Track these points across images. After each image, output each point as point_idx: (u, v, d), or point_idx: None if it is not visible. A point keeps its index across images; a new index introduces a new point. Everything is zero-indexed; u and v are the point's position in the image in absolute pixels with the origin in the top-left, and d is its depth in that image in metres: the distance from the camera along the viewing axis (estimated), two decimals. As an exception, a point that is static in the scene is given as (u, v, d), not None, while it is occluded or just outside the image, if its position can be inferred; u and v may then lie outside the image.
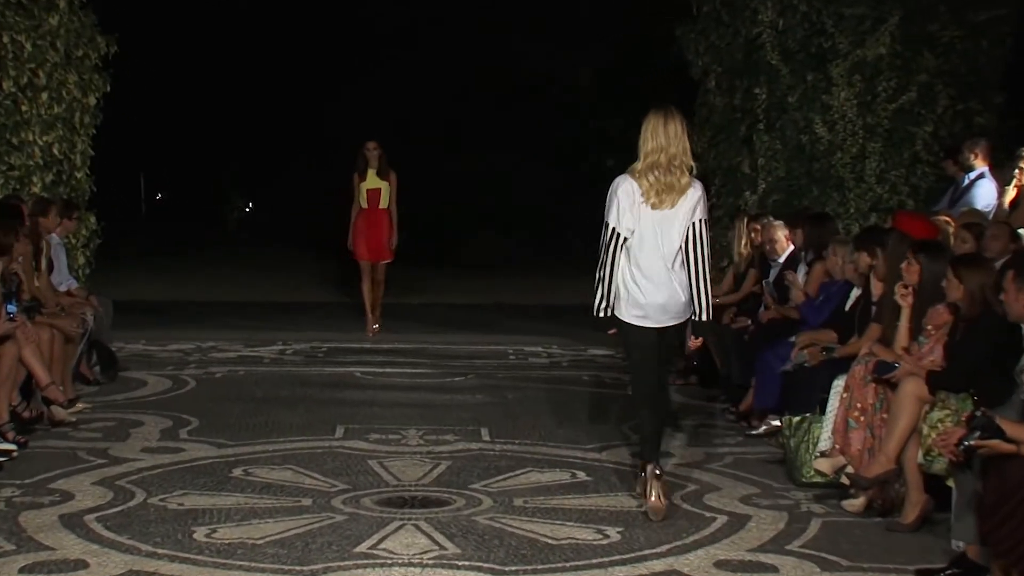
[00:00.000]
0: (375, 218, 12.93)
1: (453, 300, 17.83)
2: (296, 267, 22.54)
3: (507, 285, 19.92)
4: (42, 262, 9.30)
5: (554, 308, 15.72)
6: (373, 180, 12.91)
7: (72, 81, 11.64)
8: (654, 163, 6.38)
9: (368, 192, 12.91)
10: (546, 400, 9.65)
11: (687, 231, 6.36)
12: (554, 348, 12.68)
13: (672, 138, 6.40)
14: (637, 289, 6.40)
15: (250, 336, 13.23)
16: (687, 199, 6.38)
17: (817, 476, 6.86)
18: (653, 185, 6.36)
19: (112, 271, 15.72)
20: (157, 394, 9.67)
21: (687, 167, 6.42)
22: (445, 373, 10.92)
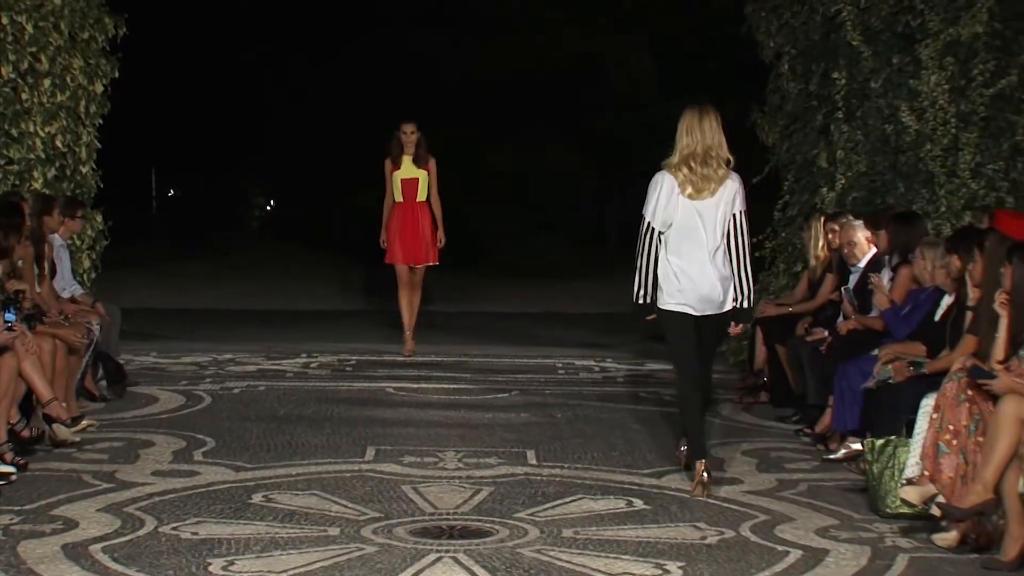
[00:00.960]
0: (413, 213, 12.42)
1: (495, 308, 17.83)
2: (323, 271, 22.65)
3: (556, 291, 19.91)
4: (44, 266, 9.37)
5: (608, 317, 15.68)
6: (409, 168, 12.40)
7: (77, 66, 11.71)
8: (690, 155, 7.30)
9: (403, 183, 12.40)
10: (599, 419, 9.62)
11: (727, 223, 7.31)
12: (608, 361, 12.65)
13: (707, 131, 7.33)
14: (676, 279, 7.31)
15: (272, 347, 13.30)
16: (725, 190, 7.31)
17: (903, 507, 6.79)
18: (689, 177, 7.29)
19: (120, 275, 15.85)
20: (169, 411, 9.73)
21: (723, 159, 7.32)
22: (487, 389, 10.91)
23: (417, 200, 12.41)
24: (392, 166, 12.43)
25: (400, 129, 12.41)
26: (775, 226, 12.52)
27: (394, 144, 12.42)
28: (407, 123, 12.42)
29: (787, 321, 9.91)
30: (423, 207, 12.45)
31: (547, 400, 10.41)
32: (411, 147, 12.36)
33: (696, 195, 7.32)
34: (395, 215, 12.46)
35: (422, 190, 12.41)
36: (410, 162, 12.40)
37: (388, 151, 12.47)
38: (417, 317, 12.72)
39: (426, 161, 12.41)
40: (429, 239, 12.47)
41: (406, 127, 12.39)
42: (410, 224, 12.41)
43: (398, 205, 12.45)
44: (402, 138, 12.38)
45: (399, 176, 12.41)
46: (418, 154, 12.38)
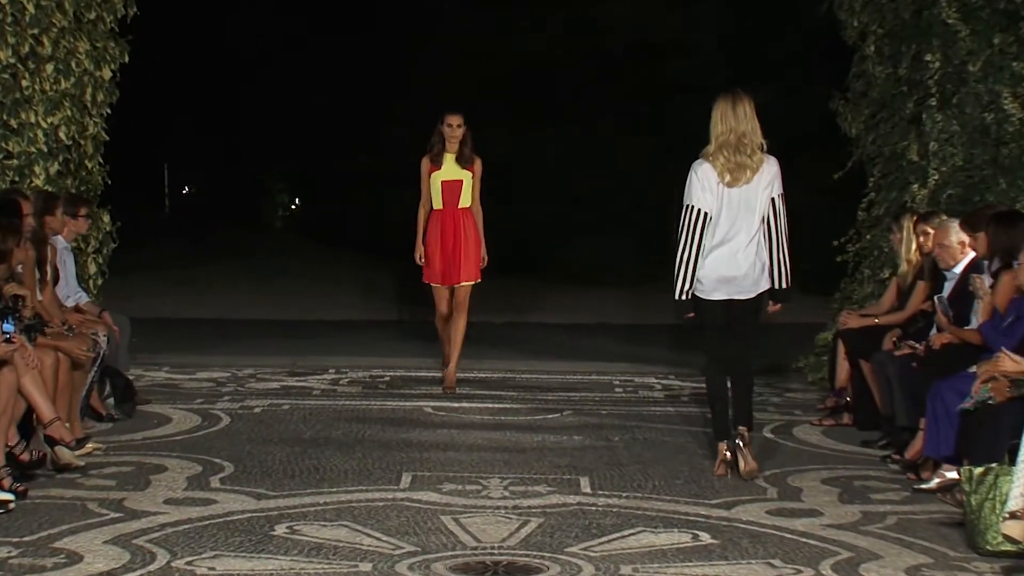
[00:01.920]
0: (454, 223, 11.57)
1: (545, 318, 17.82)
2: (353, 276, 22.72)
3: (614, 299, 19.89)
4: (46, 271, 9.42)
5: (672, 328, 15.62)
6: (452, 169, 11.55)
7: (83, 50, 11.79)
8: (724, 143, 8.29)
9: (444, 186, 11.54)
10: (661, 443, 9.59)
11: (766, 207, 8.32)
12: (671, 378, 12.61)
13: (741, 118, 8.30)
14: (711, 265, 8.32)
15: (296, 362, 13.35)
16: (762, 175, 8.31)
17: (1005, 543, 6.72)
18: (725, 165, 8.27)
19: (130, 282, 15.95)
20: (183, 433, 9.77)
21: (758, 145, 8.31)
22: (535, 409, 10.90)
23: (459, 206, 11.58)
24: (431, 166, 11.58)
25: (443, 121, 11.57)
26: (859, 227, 12.45)
27: (435, 139, 11.58)
28: (453, 114, 11.59)
29: (873, 334, 9.84)
30: (466, 215, 11.60)
31: (603, 421, 10.38)
32: (455, 143, 11.53)
33: (734, 182, 8.29)
34: (433, 225, 11.62)
35: (465, 195, 11.58)
36: (453, 161, 11.56)
37: (428, 148, 11.63)
38: (461, 345, 11.79)
39: (471, 161, 11.57)
40: (473, 253, 11.60)
41: (452, 119, 11.56)
42: (451, 235, 11.57)
43: (437, 213, 11.60)
44: (445, 132, 11.52)
45: (439, 178, 11.57)
46: (463, 152, 11.54)
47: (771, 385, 12.28)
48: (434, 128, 11.63)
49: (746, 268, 8.35)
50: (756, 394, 11.42)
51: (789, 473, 8.52)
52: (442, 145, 11.57)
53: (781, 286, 8.45)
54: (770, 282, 8.42)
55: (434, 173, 11.61)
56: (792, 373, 12.87)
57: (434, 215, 11.63)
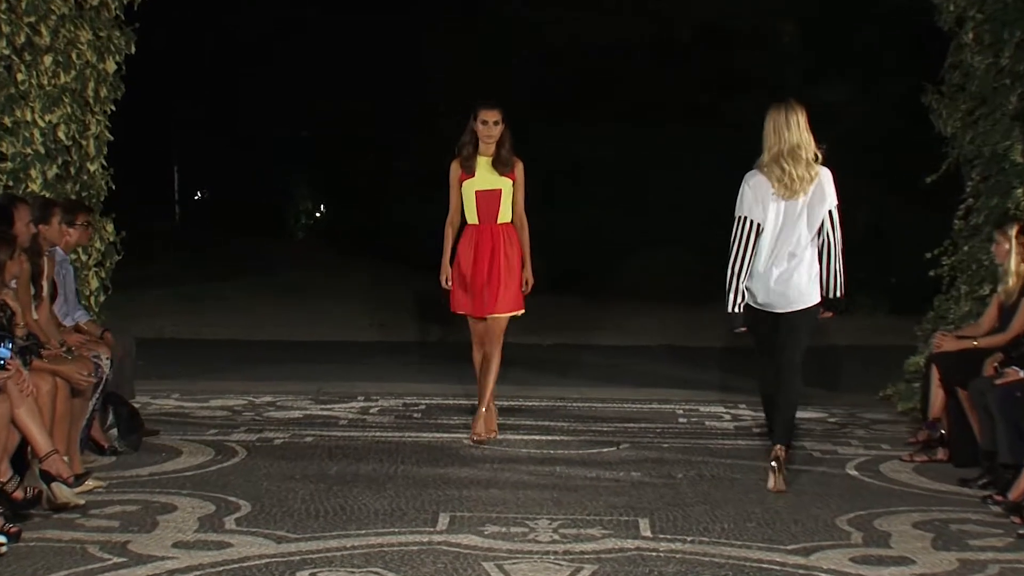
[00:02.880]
0: (492, 241, 10.67)
1: (600, 339, 17.80)
2: (386, 293, 22.77)
3: (677, 319, 19.84)
4: (42, 286, 9.47)
5: (743, 352, 15.56)
6: (487, 176, 10.64)
7: (85, 40, 11.85)
8: (778, 154, 9.07)
9: (479, 197, 10.64)
10: (730, 481, 9.55)
11: (822, 220, 9.08)
12: (741, 407, 12.57)
13: (794, 129, 9.08)
14: (763, 278, 9.17)
15: (321, 388, 13.37)
16: (816, 187, 9.10)
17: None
18: (780, 177, 9.06)
19: (136, 298, 16.03)
20: (195, 468, 9.80)
21: (812, 156, 9.09)
22: (588, 441, 10.88)
23: (498, 222, 10.69)
24: (461, 172, 10.69)
25: (476, 117, 10.64)
26: (955, 238, 12.38)
27: (465, 139, 10.68)
28: (488, 108, 10.64)
29: (971, 358, 9.77)
30: (506, 232, 10.69)
31: (664, 456, 10.35)
32: (491, 145, 10.61)
33: (789, 195, 9.09)
34: (466, 243, 10.72)
35: (505, 207, 10.68)
36: (488, 166, 10.64)
37: (457, 150, 10.73)
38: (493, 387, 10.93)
39: (511, 165, 10.64)
40: (513, 279, 10.68)
41: (487, 114, 10.61)
42: (486, 257, 10.66)
43: (471, 229, 10.71)
44: (479, 130, 10.60)
45: (472, 187, 10.65)
46: (500, 155, 10.61)
47: (855, 416, 12.21)
48: (465, 126, 10.73)
49: (798, 281, 9.16)
50: (839, 426, 11.48)
51: (876, 515, 8.47)
52: (474, 147, 10.64)
53: (836, 295, 9.23)
54: (823, 292, 9.22)
55: (466, 181, 10.66)
56: (879, 402, 12.80)
57: (467, 231, 10.72)
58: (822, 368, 14.85)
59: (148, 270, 24.81)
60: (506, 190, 10.67)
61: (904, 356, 12.69)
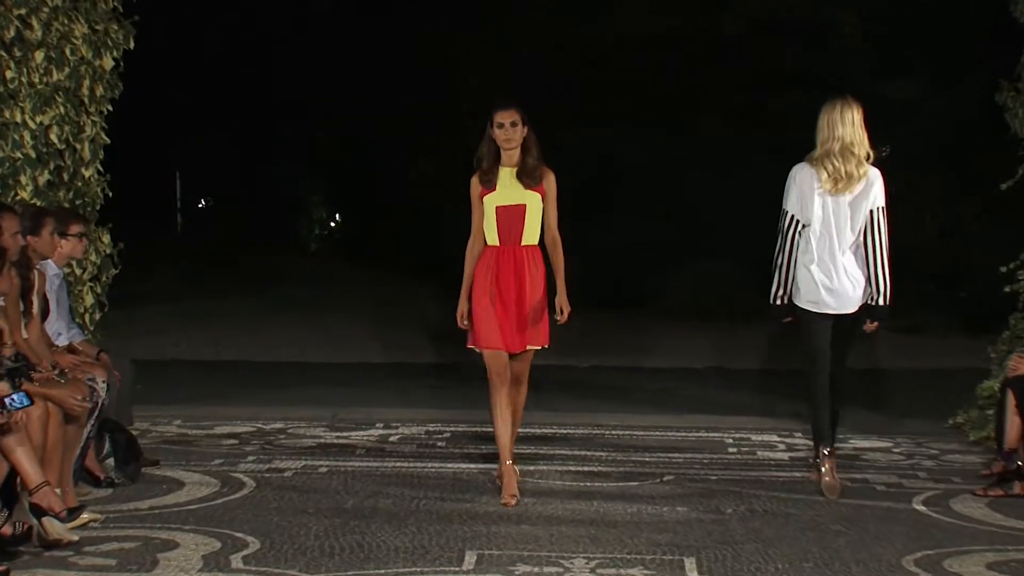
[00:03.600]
0: (515, 266, 9.86)
1: (641, 361, 17.78)
2: (407, 311, 22.77)
3: (727, 338, 19.79)
4: (33, 302, 9.49)
5: (798, 375, 15.52)
6: (510, 189, 9.83)
7: (79, 34, 11.89)
8: (830, 151, 9.78)
9: (500, 214, 9.83)
10: (785, 516, 9.52)
11: (866, 219, 9.80)
12: (797, 436, 12.53)
13: (848, 126, 9.77)
14: (812, 276, 9.88)
15: (337, 414, 13.37)
16: (864, 186, 9.80)
17: None
18: (831, 173, 9.77)
19: (135, 316, 16.06)
20: (198, 501, 9.81)
21: (864, 155, 9.79)
22: (629, 473, 10.86)
23: (522, 243, 9.89)
24: (482, 187, 9.90)
25: (492, 120, 9.85)
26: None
27: (483, 149, 9.91)
28: (502, 109, 9.85)
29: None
30: (531, 255, 9.90)
31: (712, 488, 10.33)
32: (513, 152, 9.82)
33: (835, 191, 9.81)
34: (484, 268, 9.91)
35: (531, 226, 9.87)
36: (512, 178, 9.84)
37: (476, 161, 9.98)
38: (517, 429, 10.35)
39: (539, 177, 9.83)
40: (539, 308, 9.92)
41: (502, 115, 9.81)
42: (511, 284, 9.88)
43: (491, 252, 9.91)
44: (496, 135, 9.80)
45: (493, 202, 9.86)
46: (526, 164, 9.82)
47: (923, 446, 12.17)
48: (482, 133, 9.95)
49: (846, 280, 9.90)
50: (904, 456, 11.45)
51: (946, 555, 8.43)
52: (495, 156, 9.85)
53: (879, 303, 9.90)
54: (868, 298, 9.95)
55: (487, 196, 9.86)
56: (949, 431, 12.75)
57: (486, 255, 9.92)
58: (886, 393, 14.82)
59: (148, 285, 24.85)
60: (532, 206, 9.80)
61: (977, 380, 12.64)
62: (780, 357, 17.40)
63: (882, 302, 9.87)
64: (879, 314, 9.95)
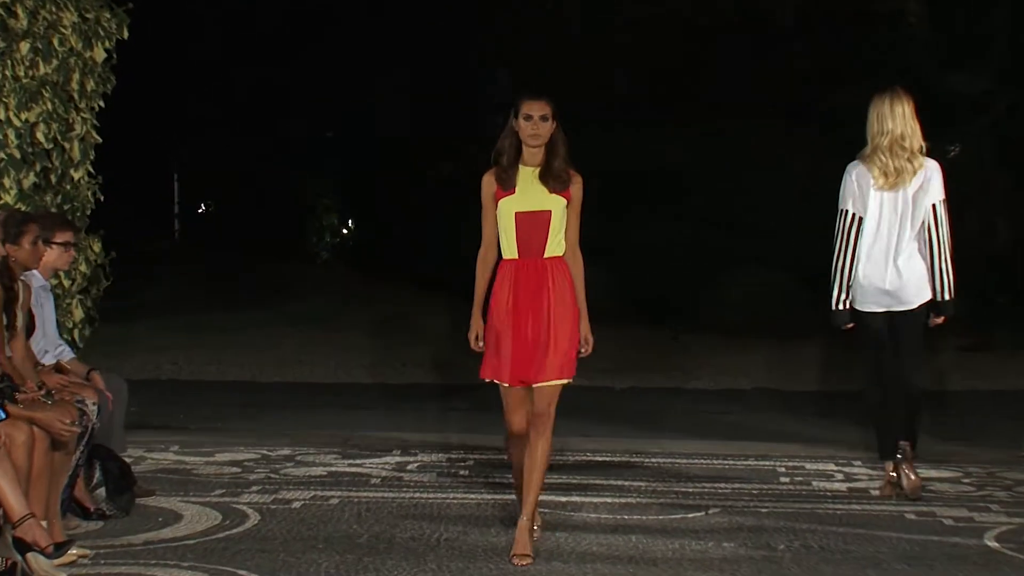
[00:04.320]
0: (537, 282, 9.21)
1: (684, 382, 17.77)
2: (425, 326, 22.78)
3: (779, 356, 19.78)
4: (16, 316, 9.51)
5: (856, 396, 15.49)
6: (533, 192, 9.21)
7: (68, 22, 11.92)
8: (879, 146, 10.56)
9: (521, 221, 9.20)
10: (844, 553, 9.50)
11: (925, 213, 10.59)
12: (857, 464, 12.51)
13: (899, 119, 10.52)
14: (869, 273, 10.70)
15: (349, 439, 13.39)
16: (920, 180, 10.59)
17: None
18: (882, 168, 10.55)
19: (129, 331, 16.09)
20: (198, 535, 9.82)
21: (917, 148, 10.56)
22: (671, 505, 10.86)
23: (545, 255, 9.24)
24: (497, 188, 9.29)
25: (517, 112, 9.28)
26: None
27: (504, 143, 9.33)
28: (532, 99, 9.26)
29: None
30: (557, 268, 9.26)
31: (763, 523, 10.31)
32: (538, 151, 9.25)
33: (890, 186, 10.60)
34: (502, 286, 9.30)
35: (555, 235, 9.26)
36: (534, 180, 9.24)
37: (494, 157, 9.38)
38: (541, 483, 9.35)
39: (566, 180, 9.23)
40: (565, 333, 9.23)
41: (531, 106, 9.22)
42: (529, 303, 9.22)
43: (507, 267, 9.30)
44: (522, 128, 9.22)
45: (511, 207, 9.25)
46: (551, 165, 9.24)
47: (995, 476, 12.13)
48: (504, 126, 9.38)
49: (905, 276, 10.69)
50: (975, 488, 11.42)
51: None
52: (516, 152, 9.27)
53: (944, 298, 10.69)
54: (931, 293, 10.72)
55: (504, 200, 9.26)
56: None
57: (503, 269, 9.32)
58: (954, 417, 14.79)
59: (143, 297, 24.95)
60: (558, 212, 9.21)
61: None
62: (838, 377, 17.39)
63: (947, 296, 10.66)
64: (945, 309, 10.72)
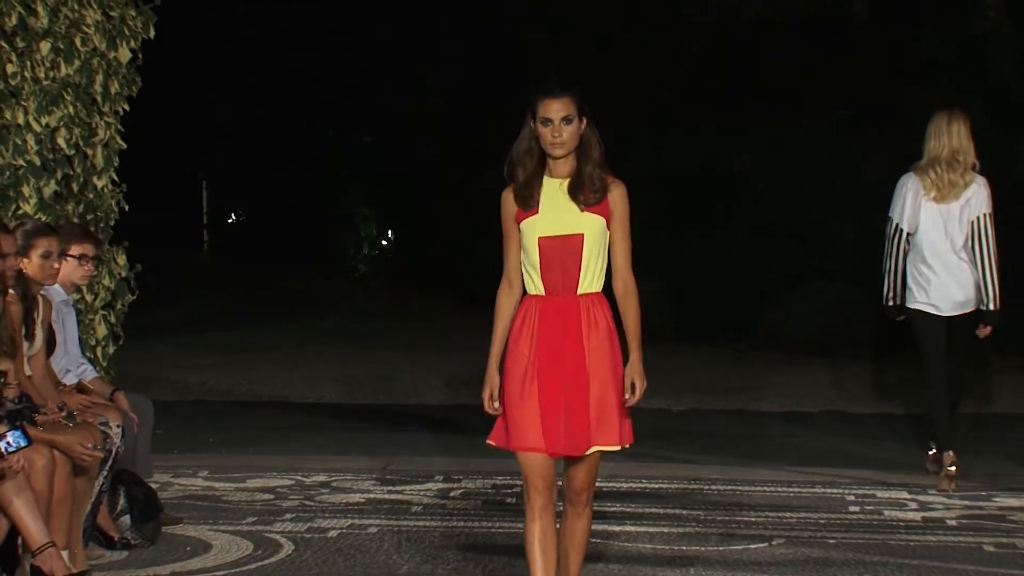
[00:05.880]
0: (564, 326, 7.86)
1: (747, 404, 17.73)
2: (466, 343, 22.74)
3: (850, 377, 19.71)
4: (36, 333, 9.54)
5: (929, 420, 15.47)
6: (561, 211, 7.86)
7: (91, 21, 11.95)
8: (935, 159, 12.02)
9: (546, 248, 7.85)
10: (917, 588, 9.49)
11: (972, 225, 12.08)
12: (931, 493, 12.47)
13: (955, 135, 11.99)
14: (923, 279, 12.23)
15: (389, 464, 13.40)
16: (970, 194, 12.07)
17: None
18: (935, 181, 12.05)
19: (154, 349, 16.12)
20: (228, 565, 9.84)
21: (970, 164, 12.06)
22: (732, 535, 10.84)
23: (579, 291, 7.88)
24: (518, 207, 8.00)
25: (535, 113, 7.93)
26: None
27: (519, 151, 8.04)
28: (551, 97, 7.86)
29: None
30: (595, 308, 7.89)
31: (830, 555, 10.29)
32: (564, 161, 7.94)
33: (941, 199, 12.09)
34: (522, 330, 8.01)
35: (592, 265, 7.89)
36: (562, 194, 7.91)
37: (508, 169, 8.08)
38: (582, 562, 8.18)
39: (602, 190, 7.88)
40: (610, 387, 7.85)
41: (549, 106, 7.84)
42: (559, 351, 7.89)
43: (531, 305, 7.98)
44: (542, 135, 7.90)
45: (535, 231, 7.91)
46: (582, 174, 7.91)
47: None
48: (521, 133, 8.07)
49: (955, 284, 12.22)
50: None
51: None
52: (537, 162, 7.99)
53: (989, 308, 12.17)
54: (980, 303, 12.23)
55: (526, 222, 7.94)
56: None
57: (524, 308, 8.03)
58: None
59: (170, 313, 25.02)
60: (592, 234, 7.85)
61: None
62: (910, 398, 17.32)
63: (992, 307, 12.15)
64: (990, 319, 12.23)
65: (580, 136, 7.88)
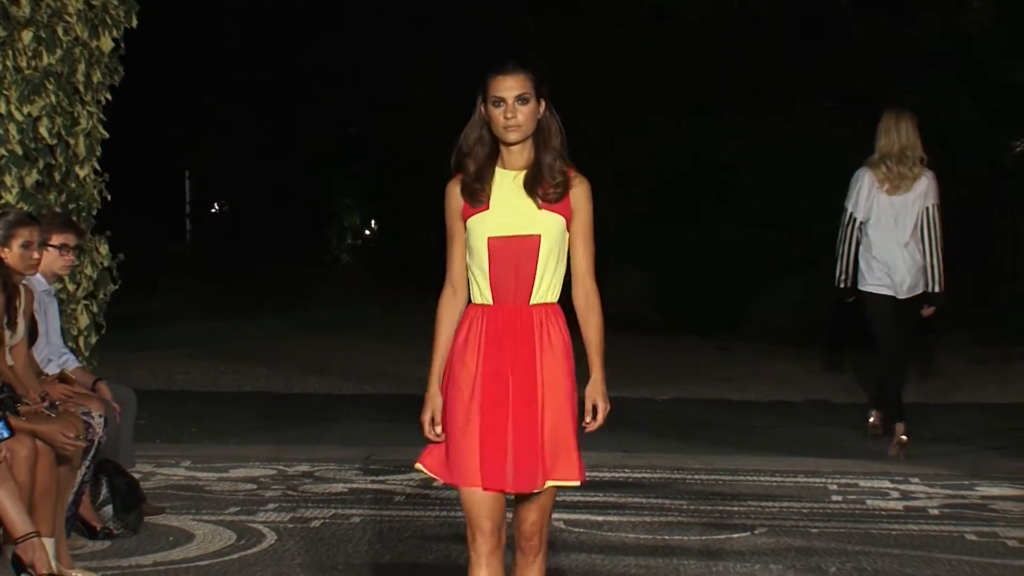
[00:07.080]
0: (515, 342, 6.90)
1: (729, 393, 17.74)
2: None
3: (831, 369, 19.71)
4: (18, 323, 9.54)
5: (920, 409, 15.51)
6: (514, 209, 6.90)
7: (74, 10, 11.92)
8: (887, 154, 13.24)
9: (496, 250, 6.90)
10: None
11: (921, 215, 13.26)
12: (914, 482, 12.50)
13: (903, 133, 13.22)
14: (876, 266, 13.38)
15: (372, 453, 13.40)
16: (919, 186, 13.30)
17: None
18: (887, 174, 13.26)
19: (137, 339, 16.11)
20: (210, 555, 9.84)
21: (918, 158, 13.27)
22: (714, 524, 10.86)
23: (531, 301, 6.92)
24: (464, 202, 7.01)
25: (486, 93, 7.00)
26: None
27: (470, 140, 7.07)
28: (503, 73, 6.94)
29: None
30: (549, 321, 6.92)
31: (813, 544, 10.31)
32: (520, 148, 6.98)
33: (892, 191, 13.31)
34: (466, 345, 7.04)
35: (549, 271, 6.94)
36: (517, 190, 6.95)
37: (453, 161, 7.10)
38: None
39: (563, 185, 6.91)
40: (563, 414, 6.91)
41: (500, 84, 6.92)
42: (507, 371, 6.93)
43: (476, 315, 7.02)
44: (493, 117, 6.95)
45: (483, 231, 6.95)
46: (541, 165, 6.94)
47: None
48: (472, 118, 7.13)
49: (904, 270, 13.37)
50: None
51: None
52: (489, 151, 7.04)
53: (934, 290, 13.41)
54: (924, 286, 13.40)
55: (473, 219, 6.97)
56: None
57: (469, 318, 7.07)
58: (1018, 431, 14.74)
59: (153, 302, 24.99)
60: (551, 237, 6.90)
61: None
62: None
63: (937, 289, 13.39)
64: (934, 300, 13.51)
65: (538, 121, 6.92)
